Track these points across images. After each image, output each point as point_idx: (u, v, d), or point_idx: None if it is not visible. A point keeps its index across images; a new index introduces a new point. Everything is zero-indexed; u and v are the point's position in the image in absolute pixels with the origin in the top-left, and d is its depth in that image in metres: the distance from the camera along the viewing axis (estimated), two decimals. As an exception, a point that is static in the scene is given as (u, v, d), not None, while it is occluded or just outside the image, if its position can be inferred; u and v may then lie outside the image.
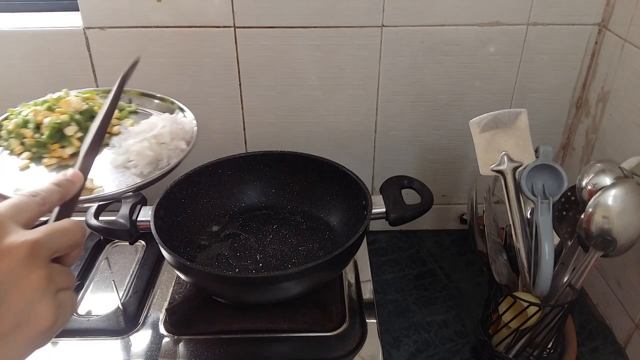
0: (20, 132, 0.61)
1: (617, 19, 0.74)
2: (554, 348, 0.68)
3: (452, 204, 0.95)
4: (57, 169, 0.60)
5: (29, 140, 0.61)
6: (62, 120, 0.61)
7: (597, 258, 0.58)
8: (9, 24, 0.79)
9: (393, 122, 0.86)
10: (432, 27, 0.77)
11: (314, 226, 0.82)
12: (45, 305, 0.31)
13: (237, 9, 0.76)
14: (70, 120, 0.61)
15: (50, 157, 0.61)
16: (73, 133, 0.61)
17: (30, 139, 0.61)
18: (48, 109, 0.62)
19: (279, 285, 0.65)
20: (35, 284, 0.31)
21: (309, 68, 0.80)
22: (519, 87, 0.83)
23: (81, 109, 0.63)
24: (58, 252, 0.34)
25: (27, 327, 0.30)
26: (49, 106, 0.62)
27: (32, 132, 0.61)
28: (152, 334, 0.70)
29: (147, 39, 0.78)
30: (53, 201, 0.37)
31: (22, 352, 0.31)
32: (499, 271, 0.66)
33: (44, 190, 0.37)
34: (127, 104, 0.70)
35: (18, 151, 0.61)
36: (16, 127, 0.61)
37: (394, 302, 0.81)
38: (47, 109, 0.62)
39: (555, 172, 0.63)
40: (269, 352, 0.68)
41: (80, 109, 0.63)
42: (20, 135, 0.61)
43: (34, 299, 0.31)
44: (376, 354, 0.68)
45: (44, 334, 0.31)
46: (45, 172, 0.59)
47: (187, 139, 0.65)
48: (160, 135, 0.63)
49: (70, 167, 0.58)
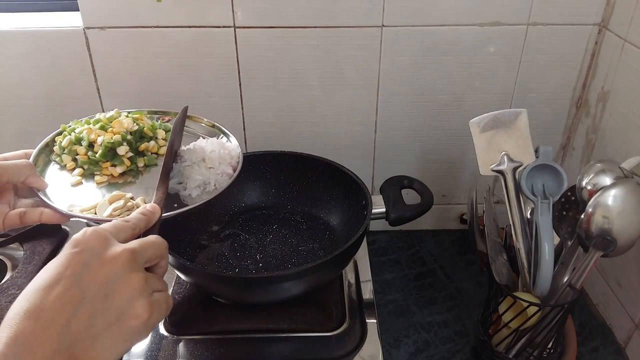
0: (74, 149, 0.64)
1: (617, 19, 0.74)
2: (554, 348, 0.68)
3: (452, 204, 0.95)
4: (107, 187, 0.62)
5: (82, 157, 0.63)
6: (115, 140, 0.63)
7: (597, 258, 0.58)
8: (9, 24, 0.79)
9: (393, 122, 0.86)
10: (432, 27, 0.77)
11: (314, 226, 0.82)
12: (142, 302, 0.38)
13: (237, 9, 0.76)
14: (122, 141, 0.64)
15: (102, 174, 0.63)
16: (124, 153, 0.64)
17: (83, 156, 0.63)
18: (101, 128, 0.65)
19: (279, 285, 0.65)
20: (134, 284, 0.38)
21: (309, 68, 0.80)
22: (519, 87, 0.83)
23: (132, 129, 0.66)
24: (150, 261, 0.42)
25: (127, 320, 0.37)
26: (102, 125, 0.65)
27: (85, 150, 0.63)
28: (152, 334, 0.70)
29: (147, 39, 0.78)
30: (141, 227, 0.45)
31: (123, 342, 0.37)
32: (499, 271, 0.66)
33: (134, 218, 0.45)
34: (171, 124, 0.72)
35: (70, 167, 0.64)
36: (70, 143, 0.64)
37: (394, 302, 0.81)
38: (100, 128, 0.65)
39: (555, 172, 0.63)
40: (269, 352, 0.68)
41: (131, 129, 0.66)
42: (73, 151, 0.64)
43: (133, 296, 0.37)
44: (376, 354, 0.68)
45: (141, 326, 0.37)
46: (95, 189, 0.62)
47: (233, 164, 0.67)
48: (209, 160, 0.65)
49: (119, 186, 0.62)
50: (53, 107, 0.83)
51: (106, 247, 0.39)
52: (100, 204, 0.59)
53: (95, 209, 0.59)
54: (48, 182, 0.59)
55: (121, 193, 0.61)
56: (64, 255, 0.38)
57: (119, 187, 0.62)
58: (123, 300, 0.37)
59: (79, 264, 0.37)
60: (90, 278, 0.37)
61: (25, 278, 0.78)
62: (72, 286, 0.36)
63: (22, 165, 0.56)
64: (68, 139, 0.64)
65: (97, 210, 0.58)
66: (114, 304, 0.37)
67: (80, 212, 0.58)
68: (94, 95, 0.82)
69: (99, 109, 0.83)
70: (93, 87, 0.81)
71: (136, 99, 0.82)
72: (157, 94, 0.82)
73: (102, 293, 0.36)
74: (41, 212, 0.56)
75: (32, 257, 0.82)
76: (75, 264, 0.37)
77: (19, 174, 0.56)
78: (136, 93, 0.82)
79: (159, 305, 0.39)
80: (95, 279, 0.37)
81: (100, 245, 0.38)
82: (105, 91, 0.82)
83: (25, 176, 0.56)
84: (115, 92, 0.82)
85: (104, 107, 0.83)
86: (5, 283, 0.77)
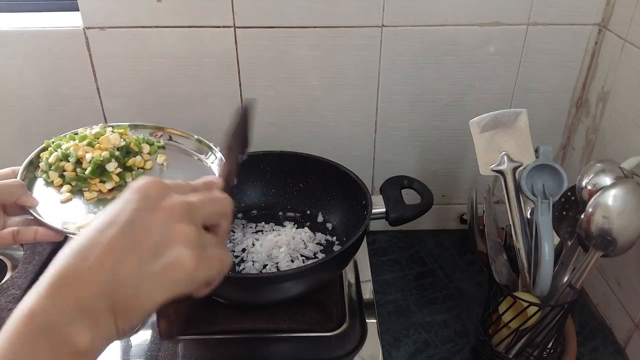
0: (61, 165, 0.63)
1: (617, 19, 0.74)
2: (554, 348, 0.68)
3: (452, 204, 0.95)
4: (97, 203, 0.62)
5: (70, 174, 0.63)
6: (104, 157, 0.63)
7: (597, 258, 0.58)
8: (9, 24, 0.79)
9: (393, 122, 0.86)
10: (432, 27, 0.77)
11: (314, 226, 0.82)
12: (189, 253, 0.36)
13: (237, 9, 0.76)
14: (110, 157, 0.64)
15: (91, 190, 0.63)
16: (113, 169, 0.64)
17: (71, 172, 0.63)
18: (89, 145, 0.65)
19: (279, 285, 0.65)
20: (186, 234, 0.37)
21: (309, 68, 0.80)
22: (519, 87, 0.83)
23: (119, 145, 0.66)
24: (210, 219, 0.40)
25: (172, 270, 0.36)
26: (90, 142, 0.65)
27: (73, 166, 0.63)
28: (152, 334, 0.70)
29: (147, 39, 0.78)
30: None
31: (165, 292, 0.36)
32: (499, 271, 0.66)
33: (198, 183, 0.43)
34: (157, 138, 0.72)
35: (57, 183, 0.63)
36: (57, 160, 0.63)
37: (394, 302, 0.81)
38: (87, 145, 0.65)
39: (555, 172, 0.63)
40: (269, 352, 0.68)
41: (118, 145, 0.66)
42: (60, 168, 0.63)
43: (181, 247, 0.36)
44: (376, 354, 0.68)
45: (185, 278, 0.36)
46: (84, 205, 0.62)
47: None
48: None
49: (108, 201, 0.62)
50: (53, 107, 0.83)
51: (163, 197, 0.38)
52: None
53: None
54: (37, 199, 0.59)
55: None
56: (122, 200, 0.37)
57: (109, 203, 0.62)
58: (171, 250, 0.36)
59: (134, 210, 0.36)
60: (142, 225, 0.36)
61: (25, 278, 0.78)
62: (124, 231, 0.35)
63: (13, 185, 0.57)
64: (55, 155, 0.63)
65: None
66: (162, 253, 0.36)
67: (77, 230, 0.58)
68: (94, 95, 0.82)
69: (99, 109, 0.83)
70: (93, 87, 0.81)
71: (136, 99, 0.82)
72: (157, 94, 0.82)
73: (152, 241, 0.36)
74: (36, 230, 0.56)
75: (32, 257, 0.82)
76: (130, 210, 0.36)
77: (12, 194, 0.56)
78: (136, 93, 0.82)
79: (209, 261, 0.38)
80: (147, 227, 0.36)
81: (158, 194, 0.38)
82: (105, 91, 0.82)
83: (17, 196, 0.56)
84: (115, 92, 0.82)
85: (104, 107, 0.83)
86: (5, 283, 0.77)
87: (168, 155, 0.70)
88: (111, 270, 0.34)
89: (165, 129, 0.73)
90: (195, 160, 0.71)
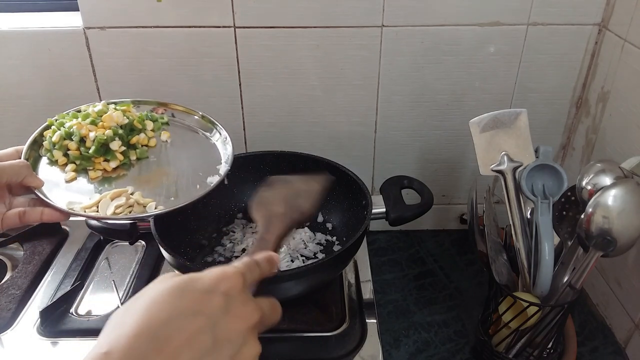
0: (64, 144, 0.63)
1: (617, 19, 0.74)
2: (554, 348, 0.68)
3: (452, 204, 0.95)
4: (101, 182, 0.62)
5: (74, 153, 0.62)
6: (108, 136, 0.63)
7: (597, 258, 0.58)
8: (9, 24, 0.79)
9: (393, 122, 0.86)
10: (432, 27, 0.77)
11: (314, 226, 0.82)
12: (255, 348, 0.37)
13: (237, 9, 0.76)
14: (114, 136, 0.63)
15: (95, 169, 0.63)
16: (117, 147, 0.63)
17: (75, 151, 0.63)
18: (92, 123, 0.64)
19: (278, 285, 0.65)
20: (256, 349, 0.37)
21: (309, 68, 0.80)
22: (519, 87, 0.83)
23: (123, 123, 0.65)
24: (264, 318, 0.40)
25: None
26: (93, 120, 0.64)
27: (77, 145, 0.63)
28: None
29: (147, 39, 0.78)
30: (265, 271, 0.45)
31: None
32: (499, 271, 0.66)
33: (262, 260, 0.45)
34: (160, 115, 0.72)
35: (62, 162, 0.63)
36: (60, 139, 0.63)
37: (394, 302, 0.81)
38: (91, 123, 0.64)
39: (555, 172, 0.63)
40: (269, 352, 0.68)
41: (121, 123, 0.65)
42: (64, 147, 0.63)
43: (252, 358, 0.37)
44: (376, 354, 0.68)
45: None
46: (89, 184, 0.62)
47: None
48: None
49: (113, 180, 0.62)
50: (53, 107, 0.83)
51: (242, 299, 0.37)
52: (103, 201, 0.59)
53: (96, 206, 0.58)
54: (42, 179, 0.59)
55: (122, 189, 0.60)
56: (206, 291, 0.36)
57: (113, 181, 0.62)
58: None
59: (218, 308, 0.35)
60: (224, 327, 0.35)
61: (25, 278, 0.78)
62: (206, 328, 0.34)
63: (19, 166, 0.56)
64: (58, 134, 0.63)
65: (100, 207, 0.58)
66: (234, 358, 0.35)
67: (82, 211, 0.58)
68: (94, 95, 0.82)
69: (99, 109, 0.83)
70: (93, 87, 0.81)
71: (136, 99, 0.82)
72: (157, 94, 0.82)
73: (230, 348, 0.35)
74: (42, 211, 0.56)
75: (32, 257, 0.82)
76: (214, 306, 0.35)
77: (17, 175, 0.56)
78: (136, 93, 0.82)
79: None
80: (228, 330, 0.35)
81: (239, 294, 0.37)
82: (105, 91, 0.82)
83: (22, 176, 0.56)
84: (115, 92, 0.82)
85: (104, 107, 0.83)
86: (5, 283, 0.77)
87: (172, 132, 0.69)
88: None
89: (168, 104, 0.73)
90: (201, 136, 0.70)
